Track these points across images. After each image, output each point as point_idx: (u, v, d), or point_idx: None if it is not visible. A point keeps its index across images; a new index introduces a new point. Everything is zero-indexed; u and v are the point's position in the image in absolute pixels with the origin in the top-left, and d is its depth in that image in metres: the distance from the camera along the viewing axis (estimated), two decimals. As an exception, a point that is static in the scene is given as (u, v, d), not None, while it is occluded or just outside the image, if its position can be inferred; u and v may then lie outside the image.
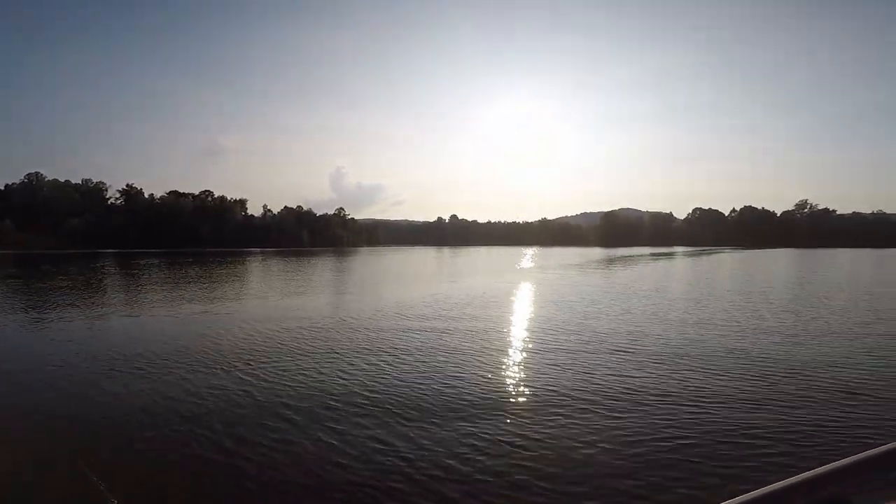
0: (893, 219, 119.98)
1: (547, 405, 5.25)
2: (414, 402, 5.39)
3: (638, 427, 4.57)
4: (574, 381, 6.15)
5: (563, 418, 4.86)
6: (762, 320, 10.65)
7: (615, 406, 5.15)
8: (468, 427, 4.68)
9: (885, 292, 16.83)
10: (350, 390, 5.84)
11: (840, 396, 5.45)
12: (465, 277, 26.22)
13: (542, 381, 6.15)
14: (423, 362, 7.22)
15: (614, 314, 11.79)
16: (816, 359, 7.27)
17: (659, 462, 3.86)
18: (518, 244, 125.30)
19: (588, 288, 19.17)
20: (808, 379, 6.18)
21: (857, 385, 5.91)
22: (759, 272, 28.65)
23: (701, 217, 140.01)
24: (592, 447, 4.17)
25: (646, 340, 8.51)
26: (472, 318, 11.39)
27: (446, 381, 6.23)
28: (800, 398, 5.40)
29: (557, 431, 4.53)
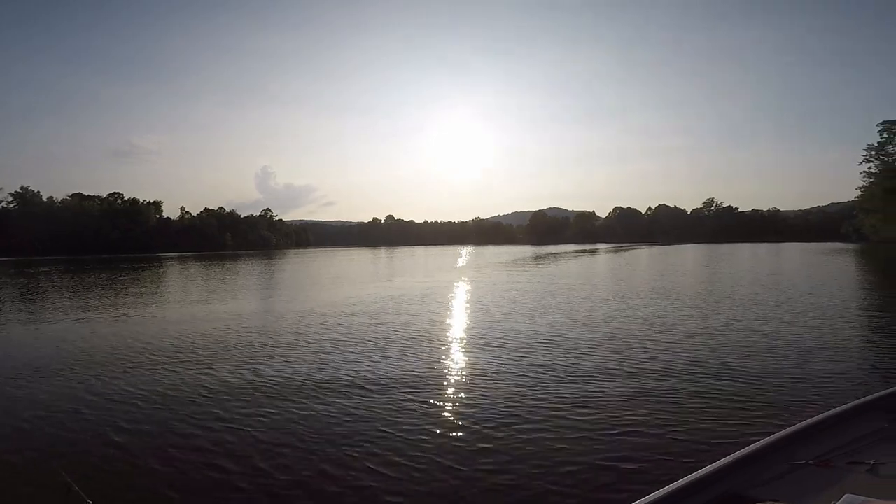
0: (785, 215, 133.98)
1: (484, 399, 5.30)
2: (341, 403, 5.31)
3: (532, 426, 4.57)
4: (504, 376, 6.21)
5: (493, 412, 4.90)
6: (663, 316, 10.91)
7: (519, 407, 5.14)
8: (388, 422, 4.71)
9: (778, 285, 18.07)
10: (269, 397, 5.62)
11: (730, 389, 5.62)
12: (401, 277, 25.87)
13: (478, 376, 6.19)
14: (351, 363, 7.09)
15: (532, 311, 12.04)
16: (708, 352, 7.48)
17: (557, 461, 3.82)
18: (454, 244, 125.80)
19: (517, 284, 19.67)
20: (703, 372, 6.36)
21: (745, 378, 6.09)
22: (668, 266, 30.69)
23: (621, 215, 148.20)
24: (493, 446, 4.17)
25: (553, 338, 8.65)
26: (406, 317, 11.33)
27: (376, 377, 6.24)
28: (693, 392, 5.49)
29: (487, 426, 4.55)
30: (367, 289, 18.96)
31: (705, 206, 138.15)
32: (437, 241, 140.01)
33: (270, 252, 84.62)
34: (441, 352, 7.82)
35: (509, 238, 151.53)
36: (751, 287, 17.10)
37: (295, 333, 9.62)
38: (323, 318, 11.49)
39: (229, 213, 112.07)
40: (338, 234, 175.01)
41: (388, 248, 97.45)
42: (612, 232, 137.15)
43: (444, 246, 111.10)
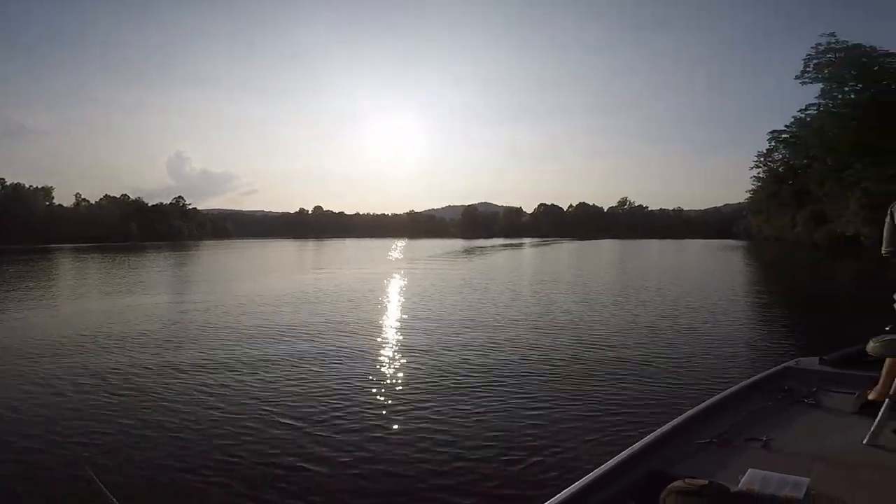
0: (687, 214, 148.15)
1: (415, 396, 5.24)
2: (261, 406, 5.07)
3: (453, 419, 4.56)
4: (427, 368, 6.21)
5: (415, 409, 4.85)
6: (577, 309, 11.20)
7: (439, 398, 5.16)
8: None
9: (679, 278, 19.41)
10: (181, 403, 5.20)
11: (644, 371, 5.97)
12: (327, 270, 25.14)
13: (404, 373, 6.14)
14: (274, 363, 6.76)
15: (455, 303, 12.10)
16: (618, 340, 7.86)
17: (479, 453, 3.83)
18: (387, 236, 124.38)
19: (446, 275, 20.18)
20: (615, 359, 6.67)
21: (657, 359, 6.53)
22: (585, 260, 32.28)
23: (545, 211, 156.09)
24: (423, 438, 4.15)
25: (474, 333, 8.66)
26: (333, 312, 11.04)
27: (298, 376, 6.03)
28: (607, 379, 5.73)
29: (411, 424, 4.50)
30: (291, 282, 18.18)
31: (620, 205, 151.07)
32: (370, 234, 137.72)
33: (183, 244, 79.25)
34: (361, 348, 7.60)
35: (442, 232, 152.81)
36: (656, 280, 18.04)
37: (197, 331, 9.02)
38: (236, 313, 10.92)
39: (134, 201, 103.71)
40: (261, 224, 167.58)
41: (316, 240, 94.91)
42: (537, 227, 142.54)
43: (377, 238, 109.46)
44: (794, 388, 2.93)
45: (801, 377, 3.10)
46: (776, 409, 2.71)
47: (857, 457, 2.16)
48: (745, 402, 2.79)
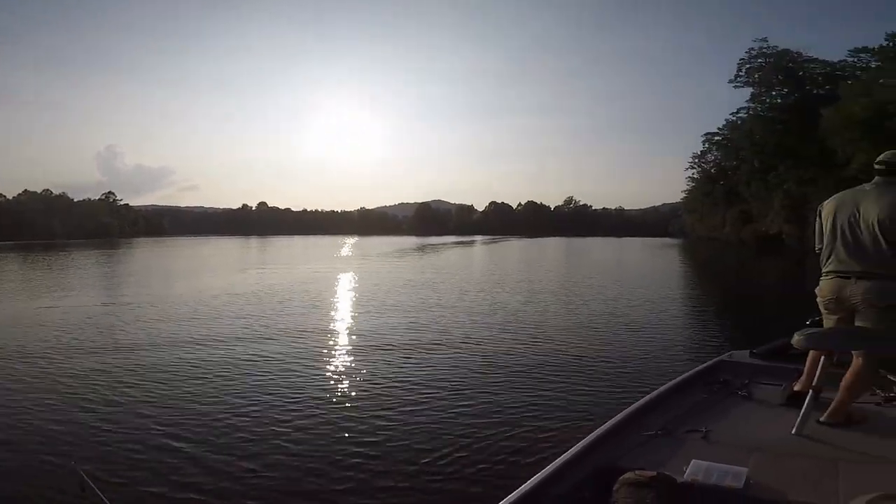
0: (628, 213, 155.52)
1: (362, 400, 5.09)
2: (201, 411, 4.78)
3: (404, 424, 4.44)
4: (373, 366, 6.10)
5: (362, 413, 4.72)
6: (523, 307, 11.28)
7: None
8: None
9: (622, 278, 19.99)
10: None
11: (590, 367, 6.05)
12: (270, 268, 24.24)
13: (355, 377, 5.94)
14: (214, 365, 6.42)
15: (405, 301, 11.86)
16: (563, 337, 7.93)
17: (440, 451, 3.78)
18: (337, 234, 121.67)
19: (396, 273, 20.22)
20: (561, 355, 6.71)
21: (602, 354, 6.65)
22: (532, 258, 32.93)
23: (496, 209, 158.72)
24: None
25: (420, 331, 8.53)
26: (272, 312, 10.53)
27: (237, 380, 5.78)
28: (555, 372, 5.78)
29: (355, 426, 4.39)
30: (227, 281, 17.35)
31: (566, 204, 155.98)
32: (318, 232, 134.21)
33: (112, 241, 74.04)
34: (303, 349, 7.29)
35: (395, 229, 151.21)
36: (598, 278, 18.58)
37: (106, 336, 8.41)
38: (155, 317, 10.19)
39: (58, 196, 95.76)
40: (201, 221, 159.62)
41: (260, 238, 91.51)
42: (488, 225, 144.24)
43: (326, 236, 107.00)
44: (729, 381, 3.04)
45: (734, 370, 3.23)
46: (713, 402, 2.81)
47: (787, 446, 2.26)
48: (684, 394, 2.88)
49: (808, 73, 50.73)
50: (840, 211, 2.71)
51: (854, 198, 2.69)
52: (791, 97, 50.23)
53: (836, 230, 2.70)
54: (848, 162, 36.96)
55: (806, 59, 50.81)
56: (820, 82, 49.34)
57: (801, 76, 50.64)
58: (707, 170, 69.54)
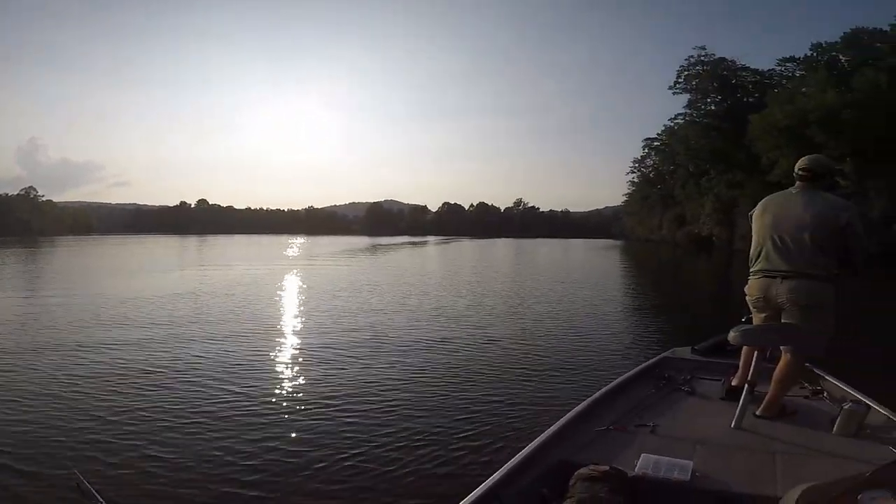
0: (574, 216, 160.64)
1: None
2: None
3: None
4: (321, 371, 5.82)
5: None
6: (474, 307, 11.05)
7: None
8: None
9: (568, 277, 20.00)
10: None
11: (541, 364, 6.11)
12: (206, 268, 22.76)
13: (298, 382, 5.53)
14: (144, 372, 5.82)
15: (351, 304, 11.29)
16: (513, 333, 7.98)
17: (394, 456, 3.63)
18: (283, 233, 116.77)
19: (343, 274, 19.51)
20: (513, 351, 6.79)
21: (552, 352, 6.74)
22: (482, 259, 32.55)
23: (448, 210, 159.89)
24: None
25: (371, 332, 8.19)
26: (206, 316, 9.76)
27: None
28: (506, 371, 5.80)
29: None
30: (150, 283, 16.00)
31: (515, 205, 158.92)
32: (263, 231, 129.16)
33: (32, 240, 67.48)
34: (239, 355, 6.70)
35: (345, 229, 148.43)
36: (546, 278, 18.72)
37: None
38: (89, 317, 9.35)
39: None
40: (134, 219, 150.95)
41: (199, 237, 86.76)
42: (441, 225, 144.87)
43: (272, 235, 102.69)
44: (673, 377, 3.18)
45: (677, 366, 3.38)
46: (659, 397, 2.91)
47: (728, 439, 2.40)
48: (632, 390, 2.99)
49: (740, 81, 52.47)
50: (768, 214, 2.84)
51: (781, 202, 2.84)
52: (724, 104, 51.88)
53: (764, 232, 2.82)
54: (772, 167, 37.98)
55: (739, 67, 52.66)
56: (750, 90, 51.03)
57: (734, 84, 52.41)
58: (646, 174, 71.45)
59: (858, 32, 37.92)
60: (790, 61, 45.57)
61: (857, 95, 32.09)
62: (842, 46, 39.13)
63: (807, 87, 37.05)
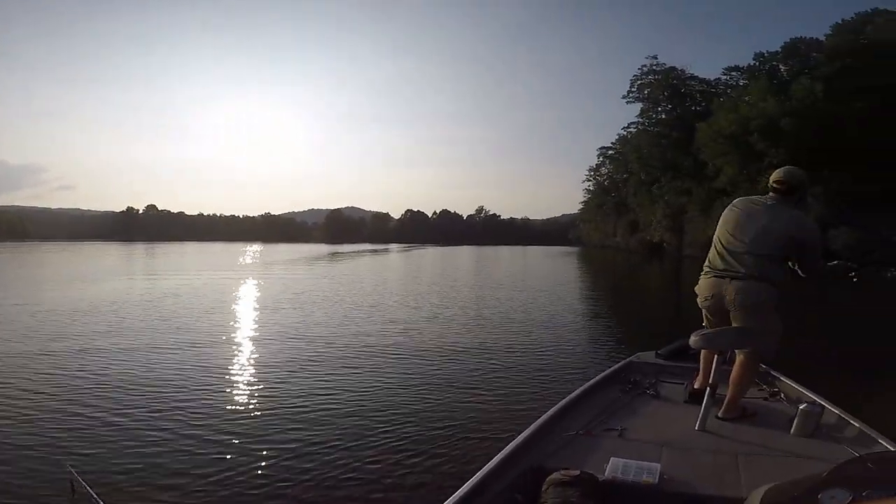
0: (533, 223, 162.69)
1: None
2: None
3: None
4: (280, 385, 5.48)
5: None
6: (435, 316, 10.88)
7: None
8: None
9: (527, 283, 20.10)
10: None
11: (509, 372, 6.14)
12: (153, 278, 21.44)
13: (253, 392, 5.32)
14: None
15: (308, 315, 10.78)
16: (480, 341, 7.90)
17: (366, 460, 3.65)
18: (239, 240, 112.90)
19: (300, 283, 18.68)
20: (481, 359, 6.76)
21: (520, 359, 6.72)
22: (446, 267, 32.67)
23: (411, 217, 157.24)
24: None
25: (330, 342, 7.96)
26: (149, 328, 9.25)
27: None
28: (474, 379, 5.84)
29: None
30: (90, 292, 14.87)
31: (477, 213, 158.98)
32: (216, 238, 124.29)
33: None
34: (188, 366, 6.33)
35: (304, 236, 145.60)
36: (511, 285, 18.69)
37: None
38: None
39: None
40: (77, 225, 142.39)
41: (147, 244, 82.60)
42: (403, 233, 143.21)
43: (226, 243, 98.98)
44: (638, 381, 3.22)
45: (642, 370, 3.45)
46: (626, 401, 2.95)
47: (693, 442, 2.44)
48: (600, 394, 3.02)
49: (688, 90, 53.34)
50: (733, 218, 2.89)
51: (750, 208, 2.88)
52: (674, 113, 52.70)
53: (724, 235, 2.88)
54: (717, 174, 38.28)
55: (688, 76, 53.50)
56: (698, 99, 51.90)
57: (683, 93, 53.23)
58: (601, 182, 72.27)
59: (797, 42, 38.94)
60: (735, 70, 46.56)
61: (794, 104, 32.58)
62: (782, 56, 40.09)
63: (749, 96, 37.54)
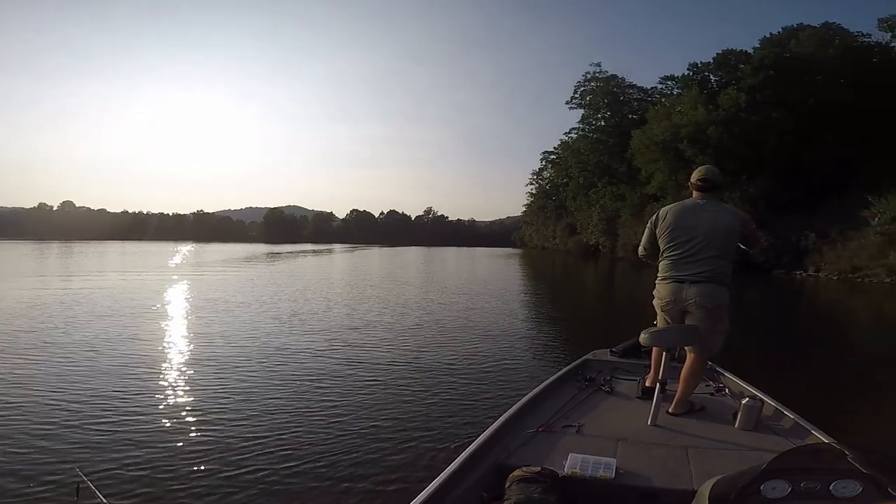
0: (479, 225, 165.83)
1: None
2: None
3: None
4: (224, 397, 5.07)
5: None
6: (385, 318, 10.45)
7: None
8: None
9: (476, 285, 19.78)
10: None
11: (466, 372, 6.07)
12: (66, 280, 18.85)
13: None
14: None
15: (245, 317, 10.30)
16: (435, 347, 7.58)
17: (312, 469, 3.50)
18: (168, 239, 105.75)
19: (236, 284, 17.92)
20: (438, 360, 6.66)
21: (477, 359, 6.70)
22: (393, 267, 32.03)
23: (357, 217, 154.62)
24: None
25: (273, 345, 7.51)
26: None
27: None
28: (432, 379, 5.73)
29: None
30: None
31: (425, 214, 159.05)
32: (142, 237, 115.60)
33: None
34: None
35: (240, 236, 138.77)
36: (458, 286, 18.37)
37: None
38: None
39: None
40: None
41: (63, 243, 74.71)
42: (348, 233, 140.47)
43: (154, 242, 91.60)
44: (594, 378, 3.35)
45: (597, 367, 3.58)
46: (582, 397, 3.06)
47: (646, 436, 2.54)
48: (558, 391, 3.13)
49: (627, 98, 54.47)
50: (676, 223, 2.98)
51: (687, 212, 2.99)
52: (613, 120, 53.59)
53: (674, 239, 2.98)
54: (649, 180, 38.87)
55: (627, 84, 54.70)
56: (635, 107, 53.02)
57: (622, 100, 54.36)
58: (543, 186, 72.85)
59: (728, 54, 40.18)
60: (670, 79, 47.72)
61: (721, 113, 33.39)
62: (713, 67, 41.30)
63: (682, 105, 38.31)
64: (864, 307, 15.89)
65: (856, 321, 13.02)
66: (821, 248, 26.01)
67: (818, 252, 26.03)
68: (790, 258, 27.12)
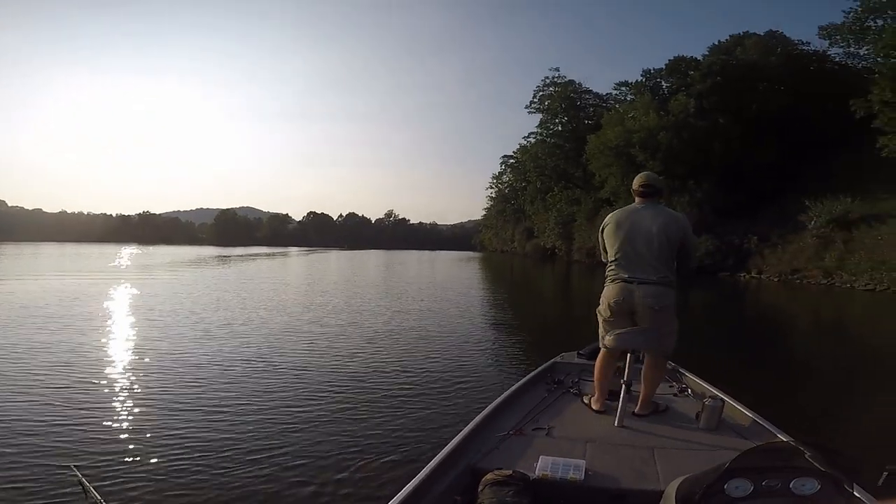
0: (440, 228, 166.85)
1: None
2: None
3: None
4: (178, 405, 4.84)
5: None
6: (350, 324, 10.04)
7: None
8: None
9: (441, 288, 19.72)
10: None
11: (436, 377, 5.98)
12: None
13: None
14: None
15: (197, 323, 9.49)
16: (406, 352, 7.51)
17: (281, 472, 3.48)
18: (111, 241, 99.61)
19: (183, 290, 16.56)
20: (408, 364, 6.62)
21: (445, 365, 6.64)
22: (352, 271, 30.95)
23: (314, 220, 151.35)
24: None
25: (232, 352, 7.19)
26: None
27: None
28: (404, 385, 5.68)
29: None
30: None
31: (386, 217, 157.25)
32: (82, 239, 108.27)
33: None
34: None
35: (190, 238, 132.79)
36: (419, 290, 18.15)
37: None
38: None
39: None
40: None
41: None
42: (305, 236, 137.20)
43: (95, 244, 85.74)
44: (562, 380, 3.43)
45: (565, 370, 3.67)
46: (551, 400, 3.09)
47: (613, 438, 2.59)
48: (528, 394, 3.17)
49: (583, 103, 55.25)
50: (622, 227, 3.07)
51: (631, 216, 3.08)
52: (570, 125, 54.16)
53: (620, 244, 3.05)
54: (602, 185, 39.40)
55: (584, 90, 55.50)
56: (591, 112, 53.86)
57: (579, 105, 55.11)
58: (502, 190, 73.00)
59: (679, 60, 41.27)
60: (624, 85, 48.72)
61: (671, 119, 34.16)
62: (665, 73, 42.34)
63: (634, 111, 39.02)
64: (803, 308, 16.49)
65: (797, 322, 13.53)
66: (762, 251, 26.97)
67: (760, 255, 26.97)
68: (735, 261, 27.98)
